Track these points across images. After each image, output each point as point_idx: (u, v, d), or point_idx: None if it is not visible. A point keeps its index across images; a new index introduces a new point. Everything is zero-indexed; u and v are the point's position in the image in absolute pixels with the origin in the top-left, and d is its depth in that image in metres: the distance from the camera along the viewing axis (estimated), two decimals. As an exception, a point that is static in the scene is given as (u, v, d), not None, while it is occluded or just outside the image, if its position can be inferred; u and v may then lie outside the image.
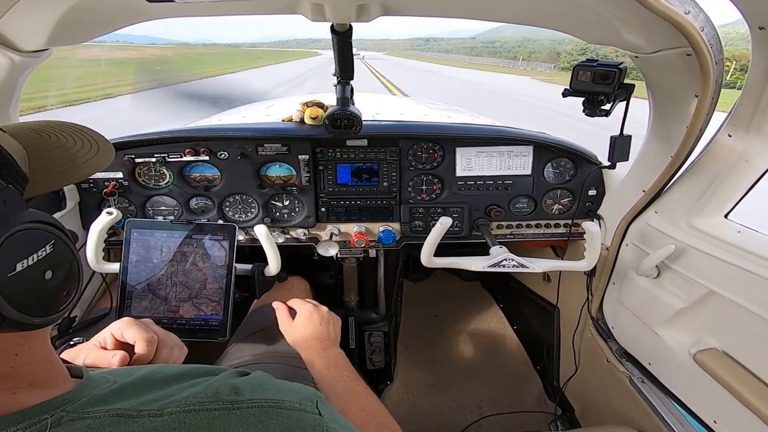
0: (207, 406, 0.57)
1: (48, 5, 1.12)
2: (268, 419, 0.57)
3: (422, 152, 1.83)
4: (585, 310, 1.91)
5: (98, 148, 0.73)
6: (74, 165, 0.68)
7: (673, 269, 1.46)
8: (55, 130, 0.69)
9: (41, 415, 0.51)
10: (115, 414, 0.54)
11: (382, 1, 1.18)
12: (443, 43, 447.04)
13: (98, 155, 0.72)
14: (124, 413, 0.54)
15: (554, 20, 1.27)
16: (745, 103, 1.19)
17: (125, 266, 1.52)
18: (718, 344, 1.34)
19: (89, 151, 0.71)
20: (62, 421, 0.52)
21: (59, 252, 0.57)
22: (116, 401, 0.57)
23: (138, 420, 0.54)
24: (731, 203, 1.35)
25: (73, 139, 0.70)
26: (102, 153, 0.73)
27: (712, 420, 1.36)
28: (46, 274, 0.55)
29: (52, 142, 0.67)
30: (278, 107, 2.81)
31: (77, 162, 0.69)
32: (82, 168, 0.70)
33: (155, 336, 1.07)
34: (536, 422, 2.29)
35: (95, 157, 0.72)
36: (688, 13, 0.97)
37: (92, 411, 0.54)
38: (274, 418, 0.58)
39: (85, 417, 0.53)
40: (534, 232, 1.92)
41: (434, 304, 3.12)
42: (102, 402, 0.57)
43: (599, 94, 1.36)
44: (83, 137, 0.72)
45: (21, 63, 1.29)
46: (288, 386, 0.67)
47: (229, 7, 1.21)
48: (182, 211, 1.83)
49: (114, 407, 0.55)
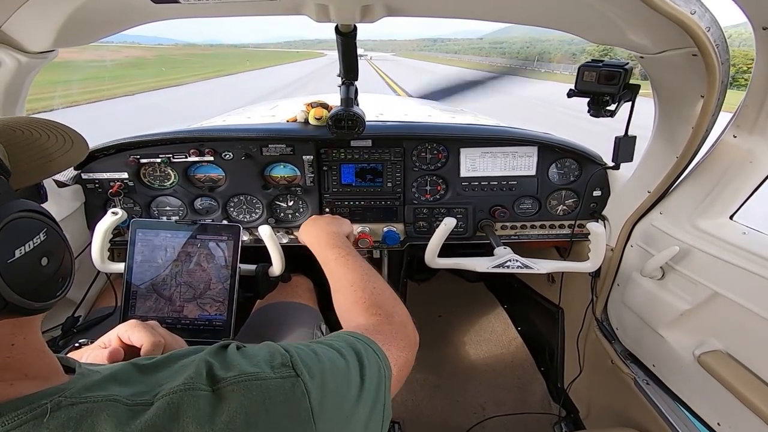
0: (192, 393, 0.58)
1: (54, 7, 1.13)
2: (249, 393, 0.60)
3: (426, 153, 1.83)
4: (589, 311, 1.90)
5: (72, 143, 0.74)
6: (51, 158, 0.70)
7: (678, 271, 1.45)
8: (28, 126, 0.71)
9: (40, 401, 0.52)
10: (111, 399, 0.55)
11: (387, 2, 1.18)
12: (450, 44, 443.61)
13: (73, 149, 0.74)
14: (120, 400, 0.56)
15: (559, 20, 1.27)
16: (750, 104, 1.18)
17: (130, 266, 1.53)
18: (723, 346, 1.34)
19: (63, 145, 0.73)
20: (61, 405, 0.53)
21: (52, 239, 0.59)
22: (110, 387, 0.58)
23: (133, 408, 0.55)
24: (736, 204, 1.34)
25: (47, 135, 0.71)
26: (76, 147, 0.75)
27: (716, 422, 1.36)
28: (42, 261, 0.57)
29: (26, 137, 0.68)
30: (282, 108, 2.81)
31: (54, 156, 0.70)
32: (59, 161, 0.71)
33: (162, 340, 1.07)
34: (540, 424, 2.28)
35: (70, 151, 0.73)
36: (693, 14, 0.96)
37: (89, 396, 0.55)
38: (254, 391, 0.60)
39: (83, 402, 0.54)
40: (538, 232, 1.92)
41: (438, 305, 3.11)
42: (97, 387, 0.58)
43: (604, 95, 1.35)
44: (57, 132, 0.74)
45: (28, 64, 1.30)
46: (257, 354, 0.69)
47: (234, 8, 1.22)
48: (187, 212, 1.84)
49: (110, 393, 0.56)
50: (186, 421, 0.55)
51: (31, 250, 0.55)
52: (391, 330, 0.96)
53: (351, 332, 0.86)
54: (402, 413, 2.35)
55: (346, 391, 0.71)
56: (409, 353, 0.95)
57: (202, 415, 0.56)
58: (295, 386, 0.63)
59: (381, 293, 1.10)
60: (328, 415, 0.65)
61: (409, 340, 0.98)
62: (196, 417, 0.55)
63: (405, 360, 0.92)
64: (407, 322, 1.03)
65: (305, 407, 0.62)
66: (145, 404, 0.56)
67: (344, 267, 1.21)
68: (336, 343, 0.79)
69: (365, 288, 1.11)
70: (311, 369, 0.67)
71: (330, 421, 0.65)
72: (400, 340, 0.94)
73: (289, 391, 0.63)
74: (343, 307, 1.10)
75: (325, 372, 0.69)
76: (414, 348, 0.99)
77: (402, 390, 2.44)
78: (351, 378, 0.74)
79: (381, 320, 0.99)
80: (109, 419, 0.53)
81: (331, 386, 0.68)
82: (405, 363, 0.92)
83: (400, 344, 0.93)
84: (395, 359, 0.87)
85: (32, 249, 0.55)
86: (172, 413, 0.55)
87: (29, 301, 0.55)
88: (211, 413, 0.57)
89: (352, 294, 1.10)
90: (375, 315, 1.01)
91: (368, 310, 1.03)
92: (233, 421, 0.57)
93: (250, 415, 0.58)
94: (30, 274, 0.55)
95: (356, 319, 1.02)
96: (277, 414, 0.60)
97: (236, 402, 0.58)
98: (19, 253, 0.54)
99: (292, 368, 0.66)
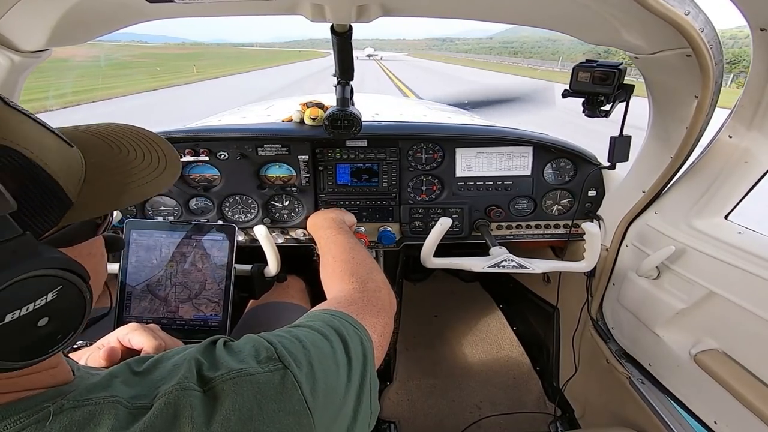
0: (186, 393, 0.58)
1: (48, 6, 1.12)
2: (239, 389, 0.60)
3: (422, 153, 1.83)
4: (585, 310, 1.91)
5: (165, 165, 0.67)
6: (128, 188, 0.63)
7: (673, 270, 1.46)
8: (130, 140, 0.64)
9: (42, 404, 0.52)
10: (113, 401, 0.55)
11: (382, 2, 1.18)
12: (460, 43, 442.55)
13: (165, 173, 0.67)
14: (121, 401, 0.55)
15: (554, 21, 1.27)
16: (746, 103, 1.19)
17: (124, 267, 1.52)
18: (718, 345, 1.34)
19: (155, 170, 0.65)
20: (64, 408, 0.53)
21: (64, 297, 0.53)
22: (110, 388, 0.58)
23: (133, 411, 0.55)
24: (731, 204, 1.35)
25: (143, 154, 0.65)
26: (170, 168, 0.68)
27: (713, 421, 1.36)
28: (39, 322, 0.51)
29: (122, 157, 0.62)
30: (278, 108, 2.81)
31: (134, 184, 0.63)
32: (140, 190, 0.64)
33: (162, 343, 1.07)
34: (536, 423, 2.29)
35: (161, 176, 0.66)
36: (688, 14, 0.97)
37: (91, 398, 0.55)
38: (244, 387, 0.60)
39: (84, 404, 0.54)
40: (534, 232, 1.92)
41: (434, 305, 3.12)
42: (98, 388, 0.57)
43: (599, 95, 1.36)
44: (153, 151, 0.67)
45: (21, 63, 1.29)
46: (242, 350, 0.68)
47: (229, 8, 1.21)
48: (182, 212, 1.83)
49: (111, 395, 0.56)
50: (183, 422, 0.55)
51: (28, 312, 0.49)
52: (362, 297, 0.98)
53: (325, 310, 0.87)
54: (398, 413, 2.35)
55: (336, 374, 0.72)
56: (385, 317, 0.96)
57: (198, 415, 0.56)
58: (284, 378, 0.63)
59: (359, 263, 1.15)
60: (322, 402, 0.65)
61: (383, 304, 0.99)
62: (193, 418, 0.55)
63: (383, 325, 0.93)
64: (382, 287, 1.06)
65: (298, 398, 0.62)
66: (144, 407, 0.56)
67: (333, 243, 1.30)
68: (315, 323, 0.79)
69: (344, 259, 1.17)
70: (297, 358, 0.67)
71: (325, 406, 0.66)
72: (372, 306, 0.95)
73: (279, 384, 0.62)
74: (326, 280, 1.16)
75: (312, 359, 0.69)
76: (390, 311, 1.00)
77: (397, 390, 2.46)
78: (338, 359, 0.74)
79: (354, 288, 1.02)
80: (110, 422, 0.53)
81: (320, 372, 0.68)
82: (383, 328, 0.92)
83: (373, 309, 0.94)
84: (372, 326, 0.88)
85: (31, 312, 0.49)
86: (170, 414, 0.55)
87: (10, 362, 0.50)
88: (207, 414, 0.57)
89: (332, 265, 1.16)
90: (349, 283, 1.05)
91: (343, 279, 1.07)
92: (228, 420, 0.57)
93: (243, 412, 0.58)
94: (18, 337, 0.49)
95: (332, 289, 1.07)
96: (270, 408, 0.60)
97: (228, 400, 0.58)
98: (11, 317, 0.47)
99: (279, 360, 0.65)
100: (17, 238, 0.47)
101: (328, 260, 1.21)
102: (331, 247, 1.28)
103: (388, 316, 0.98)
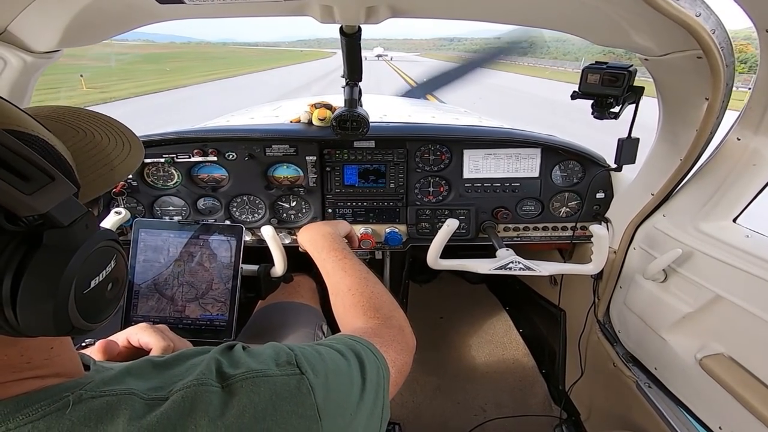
0: (205, 388, 0.59)
1: (59, 7, 1.13)
2: (257, 388, 0.61)
3: (429, 154, 1.83)
4: (591, 313, 1.90)
5: (130, 147, 0.70)
6: (113, 167, 0.66)
7: (681, 273, 1.45)
8: (88, 123, 0.67)
9: (62, 394, 0.53)
10: (129, 392, 0.56)
11: (391, 3, 1.18)
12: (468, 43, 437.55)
13: (130, 155, 0.70)
14: (137, 393, 0.57)
15: (563, 22, 1.27)
16: (754, 106, 1.18)
17: (132, 265, 1.53)
18: (725, 350, 1.33)
19: (122, 150, 0.69)
20: (83, 398, 0.54)
21: (119, 265, 0.60)
22: (127, 381, 0.59)
23: (149, 402, 0.56)
24: (740, 207, 1.34)
25: (107, 137, 0.68)
26: (134, 152, 0.71)
27: (718, 426, 1.35)
28: (108, 287, 0.58)
29: (89, 140, 0.65)
30: (286, 108, 2.82)
31: (114, 163, 0.67)
32: (119, 170, 0.67)
33: (171, 344, 1.08)
34: (541, 426, 2.28)
35: (128, 158, 0.69)
36: (699, 16, 0.96)
37: (108, 390, 0.56)
38: (262, 387, 0.61)
39: (102, 395, 0.55)
40: (541, 234, 1.91)
41: (440, 307, 3.11)
42: (114, 381, 0.59)
43: (608, 97, 1.35)
44: (115, 133, 0.69)
45: (33, 64, 1.30)
46: (263, 353, 0.69)
47: (239, 8, 1.22)
48: (190, 212, 1.84)
49: (128, 387, 0.57)
50: (198, 415, 0.56)
51: (103, 279, 0.56)
52: (389, 333, 0.96)
53: (349, 335, 0.87)
54: (402, 415, 2.35)
55: (349, 391, 0.72)
56: (407, 356, 0.95)
57: (214, 410, 0.57)
58: (300, 383, 0.64)
59: (379, 297, 1.10)
60: (333, 413, 0.66)
61: (407, 344, 0.98)
62: (208, 412, 0.56)
63: (402, 363, 0.92)
64: (405, 326, 1.03)
65: (311, 403, 0.63)
66: (160, 399, 0.57)
67: (342, 271, 1.20)
68: (336, 344, 0.80)
69: (363, 292, 1.10)
70: (315, 367, 0.68)
71: (334, 418, 0.66)
72: (397, 344, 0.94)
73: (294, 388, 0.64)
74: (341, 311, 1.10)
75: (329, 371, 0.70)
76: (411, 352, 0.99)
77: (403, 391, 2.46)
78: (353, 378, 0.74)
79: (379, 323, 1.00)
80: (127, 412, 0.54)
81: (335, 385, 0.69)
82: (402, 366, 0.92)
83: (397, 347, 0.93)
84: (393, 361, 0.88)
85: (104, 278, 0.56)
86: (186, 407, 0.56)
87: (90, 324, 0.55)
88: (222, 409, 0.58)
89: (350, 298, 1.09)
90: (373, 318, 1.02)
91: (366, 314, 1.03)
92: (242, 416, 0.58)
93: (258, 411, 0.59)
94: (97, 301, 0.56)
95: (354, 323, 1.03)
96: (284, 410, 0.61)
97: (245, 398, 0.59)
98: (95, 283, 0.55)
99: (297, 366, 0.67)
100: (85, 215, 0.53)
101: (343, 291, 1.14)
102: (342, 276, 1.19)
103: (409, 356, 0.97)
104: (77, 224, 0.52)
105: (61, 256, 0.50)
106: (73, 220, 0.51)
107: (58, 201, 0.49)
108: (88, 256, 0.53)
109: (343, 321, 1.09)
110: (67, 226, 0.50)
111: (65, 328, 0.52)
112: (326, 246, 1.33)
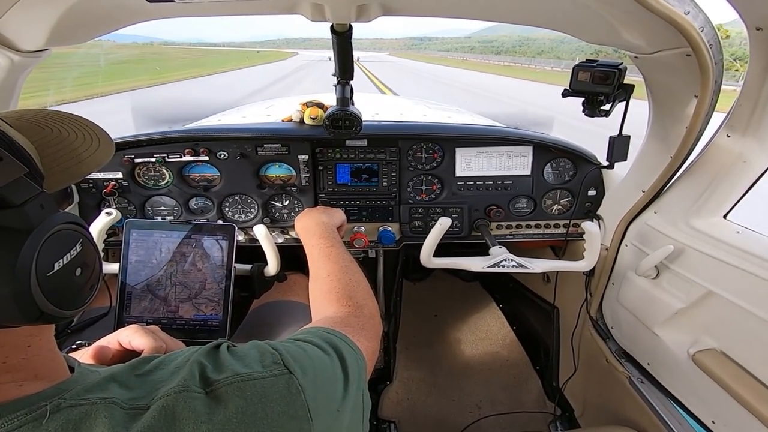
0: (186, 395, 0.58)
1: (47, 6, 1.12)
2: (243, 393, 0.60)
3: (422, 152, 1.83)
4: (584, 310, 1.91)
5: (99, 142, 0.72)
6: (80, 160, 0.68)
7: (672, 269, 1.46)
8: (54, 121, 0.68)
9: (39, 403, 0.53)
10: (110, 401, 0.56)
11: (382, 2, 1.18)
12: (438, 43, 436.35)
13: (100, 149, 0.71)
14: (118, 402, 0.56)
15: (554, 20, 1.28)
16: (744, 103, 1.19)
17: (124, 266, 1.52)
18: (717, 345, 1.35)
19: (91, 145, 0.70)
20: (61, 407, 0.53)
21: (86, 250, 0.60)
22: (109, 389, 0.59)
23: (130, 412, 0.56)
24: (730, 204, 1.35)
25: (75, 133, 0.69)
26: (103, 147, 0.72)
27: (711, 420, 1.37)
28: (76, 272, 0.58)
29: (55, 136, 0.66)
30: (278, 107, 2.80)
31: (83, 157, 0.68)
32: (88, 163, 0.69)
33: (163, 345, 1.07)
34: (535, 422, 2.29)
35: (97, 152, 0.71)
36: (687, 14, 0.97)
37: (88, 398, 0.56)
38: (249, 391, 0.61)
39: (81, 404, 0.55)
40: (533, 232, 1.92)
41: (433, 305, 3.12)
42: (96, 389, 0.58)
43: (599, 95, 1.36)
44: (83, 130, 0.71)
45: (20, 63, 1.29)
46: (248, 355, 0.69)
47: (229, 7, 1.21)
48: (182, 212, 1.83)
49: (109, 395, 0.57)
50: (183, 423, 0.55)
51: (68, 262, 0.56)
52: (358, 321, 0.99)
53: (323, 327, 0.88)
54: (398, 412, 2.35)
55: (334, 387, 0.73)
56: (375, 343, 0.99)
57: (198, 416, 0.56)
58: (289, 384, 0.64)
59: (355, 286, 1.14)
60: (322, 411, 0.66)
61: (376, 330, 1.02)
62: (192, 419, 0.56)
63: (373, 349, 0.96)
64: (375, 314, 1.07)
65: (301, 404, 0.63)
66: (141, 408, 0.56)
67: (326, 258, 1.26)
68: (313, 339, 0.80)
69: (341, 279, 1.15)
70: (303, 366, 0.68)
71: (324, 416, 0.66)
72: (367, 331, 0.98)
73: (284, 389, 0.63)
74: (317, 295, 1.14)
75: (316, 368, 0.70)
76: (379, 338, 1.03)
77: (397, 389, 2.46)
78: (336, 374, 0.75)
79: (350, 312, 1.03)
80: (106, 422, 0.53)
81: (322, 383, 0.69)
82: (373, 352, 0.96)
83: (367, 335, 0.96)
84: (365, 349, 0.90)
85: (69, 261, 0.57)
86: (168, 417, 0.55)
87: (62, 311, 0.56)
88: (208, 415, 0.57)
89: (327, 284, 1.14)
90: (345, 306, 1.05)
91: (339, 301, 1.07)
92: (230, 421, 0.57)
93: (247, 416, 0.58)
94: (65, 285, 0.56)
95: (326, 309, 1.07)
96: (275, 413, 0.60)
97: (232, 403, 0.59)
98: (58, 265, 0.55)
99: (284, 365, 0.66)
100: (40, 195, 0.54)
101: (322, 276, 1.19)
102: (325, 262, 1.24)
103: (377, 342, 1.01)
104: (30, 204, 0.52)
105: (15, 236, 0.50)
106: (26, 200, 0.52)
107: (6, 181, 0.50)
108: (47, 237, 0.53)
109: (316, 305, 1.12)
110: (19, 206, 0.51)
111: (33, 314, 0.52)
112: (317, 233, 1.40)
